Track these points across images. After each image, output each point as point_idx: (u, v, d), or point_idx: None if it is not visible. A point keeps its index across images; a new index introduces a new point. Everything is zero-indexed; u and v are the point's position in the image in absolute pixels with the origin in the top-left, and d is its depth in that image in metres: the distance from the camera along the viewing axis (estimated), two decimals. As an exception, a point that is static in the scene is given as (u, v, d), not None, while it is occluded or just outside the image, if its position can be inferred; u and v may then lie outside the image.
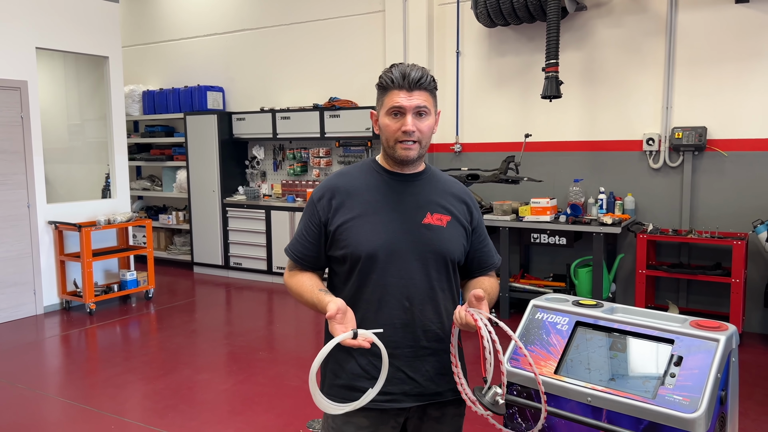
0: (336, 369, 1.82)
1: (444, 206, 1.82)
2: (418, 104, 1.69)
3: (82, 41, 6.43)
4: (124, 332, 5.62)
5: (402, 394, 1.76)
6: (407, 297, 1.75)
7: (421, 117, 1.71)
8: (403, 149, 1.72)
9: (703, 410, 1.43)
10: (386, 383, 1.70)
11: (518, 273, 6.06)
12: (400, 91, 1.69)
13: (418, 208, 1.78)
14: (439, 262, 1.78)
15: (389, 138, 1.74)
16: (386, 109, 1.72)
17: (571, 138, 5.90)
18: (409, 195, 1.79)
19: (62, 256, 6.22)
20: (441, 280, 1.79)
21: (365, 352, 1.73)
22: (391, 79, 1.70)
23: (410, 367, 1.76)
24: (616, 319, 1.70)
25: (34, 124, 6.00)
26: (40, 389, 4.26)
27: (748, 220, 5.09)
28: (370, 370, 1.75)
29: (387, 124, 1.72)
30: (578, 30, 5.77)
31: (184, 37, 8.31)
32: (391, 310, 1.74)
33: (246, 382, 4.29)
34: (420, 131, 1.72)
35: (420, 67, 1.72)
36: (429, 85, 1.72)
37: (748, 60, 5.10)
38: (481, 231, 1.92)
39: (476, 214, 1.90)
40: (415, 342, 1.76)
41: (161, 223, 8.36)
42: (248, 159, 7.87)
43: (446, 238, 1.79)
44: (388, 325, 1.72)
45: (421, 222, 1.77)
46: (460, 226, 1.84)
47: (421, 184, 1.82)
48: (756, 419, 3.65)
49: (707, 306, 5.32)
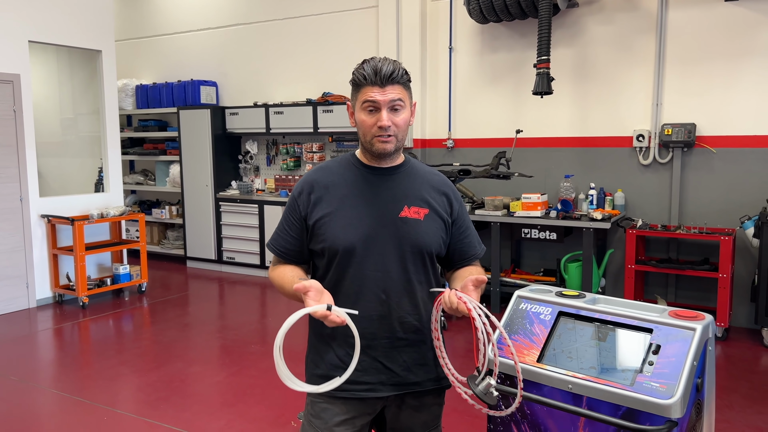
0: (315, 359, 1.86)
1: (422, 199, 1.83)
2: (392, 98, 1.71)
3: (75, 35, 6.42)
4: (116, 325, 5.64)
5: (379, 384, 1.80)
6: (384, 290, 1.78)
7: (396, 111, 1.73)
8: (381, 143, 1.74)
9: (679, 396, 1.47)
10: (364, 373, 1.75)
11: (509, 268, 6.11)
12: (373, 87, 1.71)
13: (395, 201, 1.80)
14: (416, 255, 1.80)
15: (366, 133, 1.76)
16: (360, 104, 1.74)
17: (562, 134, 5.95)
18: (386, 189, 1.81)
19: (55, 249, 6.22)
20: (418, 272, 1.82)
21: (343, 343, 1.79)
22: (363, 75, 1.72)
23: (387, 357, 1.80)
24: (597, 310, 1.74)
25: (26, 118, 6.00)
26: (33, 381, 4.28)
27: (736, 216, 5.15)
28: (347, 361, 1.75)
29: (363, 119, 1.75)
30: (570, 27, 5.81)
31: (177, 31, 8.31)
32: (368, 302, 1.77)
33: (238, 375, 4.33)
34: (396, 125, 1.74)
35: (392, 60, 1.73)
36: (401, 78, 1.74)
37: (737, 58, 5.15)
38: (462, 222, 1.92)
39: (456, 206, 1.91)
40: (392, 333, 1.79)
41: (154, 218, 8.37)
42: (241, 154, 7.89)
43: (423, 231, 1.81)
44: (364, 317, 1.74)
45: (397, 215, 1.79)
46: (439, 218, 1.85)
47: (399, 178, 1.84)
48: (740, 411, 3.72)
49: (695, 301, 5.38)
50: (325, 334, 1.83)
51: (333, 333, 1.81)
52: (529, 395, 1.67)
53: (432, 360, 1.83)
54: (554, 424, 1.68)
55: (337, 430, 1.80)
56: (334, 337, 1.82)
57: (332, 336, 1.82)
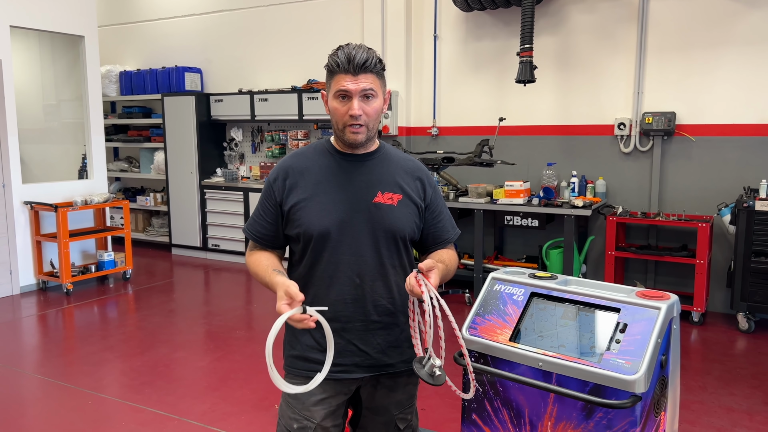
0: (291, 340, 1.93)
1: (396, 184, 1.87)
2: (364, 87, 1.73)
3: (57, 20, 6.36)
4: (101, 312, 5.65)
5: (353, 365, 1.85)
6: (358, 274, 1.82)
7: (368, 99, 1.75)
8: (352, 133, 1.77)
9: (643, 372, 1.53)
10: (338, 355, 1.79)
11: (492, 254, 6.18)
12: (346, 75, 1.72)
13: (368, 187, 1.83)
14: (389, 239, 1.84)
15: (338, 122, 1.78)
16: (333, 92, 1.76)
17: (545, 122, 6.01)
18: (359, 175, 1.84)
19: (38, 236, 6.20)
20: (392, 257, 1.86)
21: (320, 326, 1.81)
22: (337, 62, 1.73)
23: (361, 340, 1.85)
24: (568, 290, 1.80)
25: (8, 104, 5.95)
26: (18, 367, 4.29)
27: (714, 203, 5.25)
28: (323, 342, 1.82)
29: (335, 107, 1.77)
30: (553, 15, 5.85)
31: (161, 17, 8.25)
32: (342, 286, 1.82)
33: (223, 360, 4.37)
34: (366, 114, 1.76)
35: (366, 48, 1.75)
36: (375, 67, 1.75)
37: (715, 47, 5.23)
38: (436, 207, 1.95)
39: (430, 191, 1.94)
40: (366, 316, 1.84)
41: (139, 205, 8.35)
42: (226, 141, 7.87)
43: (396, 216, 1.84)
44: (339, 300, 1.81)
45: (371, 201, 1.82)
46: (412, 203, 1.88)
47: (373, 164, 1.87)
48: (713, 392, 3.82)
49: (673, 286, 5.49)
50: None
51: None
52: (500, 372, 1.74)
53: (405, 342, 1.89)
54: (525, 400, 1.74)
55: (314, 409, 1.85)
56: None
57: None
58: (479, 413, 1.84)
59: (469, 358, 1.67)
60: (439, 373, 1.63)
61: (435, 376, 1.62)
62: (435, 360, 1.63)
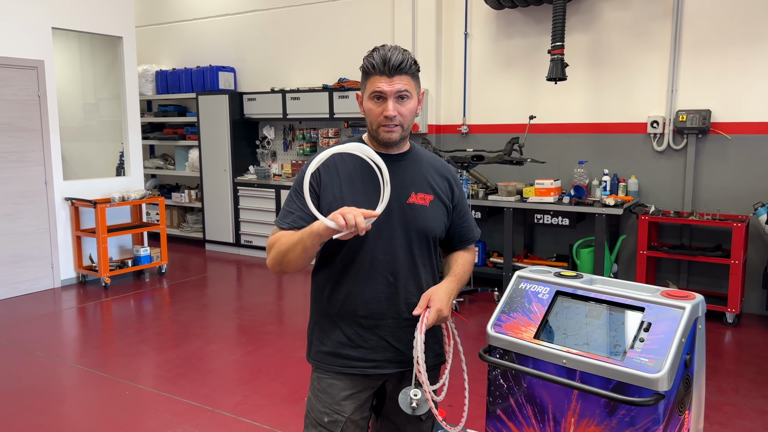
0: (322, 337, 1.93)
1: (428, 184, 1.90)
2: (399, 89, 1.76)
3: (96, 21, 6.56)
4: (137, 305, 5.81)
5: (385, 361, 1.88)
6: (392, 272, 1.85)
7: (403, 101, 1.78)
8: (386, 132, 1.80)
9: (666, 370, 1.54)
10: (371, 351, 1.86)
11: (522, 253, 6.17)
12: (381, 77, 1.75)
13: (403, 187, 1.86)
14: (421, 239, 1.88)
15: (372, 122, 1.81)
16: (368, 93, 1.79)
17: (576, 120, 5.96)
18: (393, 175, 1.80)
19: (78, 231, 6.41)
20: (423, 256, 1.90)
21: (351, 322, 1.87)
22: (372, 64, 1.76)
23: (393, 336, 1.88)
24: (593, 289, 1.81)
25: (50, 103, 6.16)
26: (59, 357, 4.46)
27: (749, 202, 5.15)
28: (355, 339, 1.87)
29: (370, 108, 1.80)
30: (585, 13, 5.80)
31: (196, 17, 8.42)
32: (377, 284, 1.84)
33: (254, 354, 4.46)
34: (401, 115, 1.79)
35: (401, 50, 1.76)
36: (410, 69, 1.77)
37: (752, 43, 5.12)
38: (462, 207, 2.00)
39: (457, 191, 1.98)
40: (398, 314, 1.87)
41: (174, 201, 8.55)
42: (259, 139, 8.00)
43: (429, 216, 1.88)
44: (373, 298, 1.84)
45: (406, 201, 1.86)
46: (442, 204, 1.92)
47: (406, 164, 1.90)
48: (746, 395, 3.77)
49: (707, 287, 5.40)
50: (332, 313, 1.90)
51: (340, 311, 1.88)
52: (524, 369, 1.76)
53: (431, 337, 1.91)
54: (549, 396, 1.76)
55: (344, 404, 1.89)
56: (341, 315, 1.88)
57: (339, 314, 1.88)
58: (504, 409, 1.87)
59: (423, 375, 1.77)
60: (416, 405, 1.74)
61: (417, 408, 1.76)
62: (412, 391, 1.75)
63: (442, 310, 1.78)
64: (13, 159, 5.93)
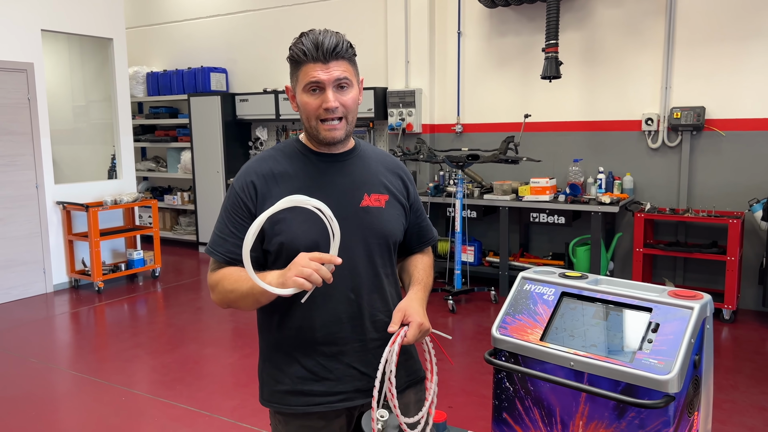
0: (275, 374, 1.67)
1: (381, 184, 1.69)
2: (338, 76, 1.53)
3: (86, 23, 6.49)
4: (131, 309, 5.76)
5: (355, 392, 1.65)
6: (352, 288, 1.62)
7: (343, 89, 1.56)
8: (328, 130, 1.57)
9: (676, 372, 1.52)
10: (338, 383, 1.63)
11: (518, 252, 6.16)
12: (315, 64, 1.52)
13: (354, 189, 1.64)
14: (382, 246, 1.67)
15: (310, 117, 1.57)
16: (303, 85, 1.55)
17: (571, 118, 5.96)
18: (341, 176, 1.64)
19: (70, 235, 6.34)
20: (385, 265, 1.69)
21: (312, 351, 1.63)
22: (303, 51, 1.52)
23: (361, 362, 1.65)
24: (599, 290, 1.79)
25: (41, 106, 6.09)
26: (52, 363, 4.40)
27: (745, 198, 5.16)
28: (318, 371, 1.63)
29: (306, 101, 1.55)
30: (578, 10, 5.79)
31: (186, 18, 8.36)
32: (336, 304, 1.61)
33: (251, 357, 4.42)
34: (344, 105, 1.56)
35: (334, 32, 1.55)
36: (347, 53, 1.55)
37: (746, 40, 5.13)
38: (418, 205, 1.81)
39: (411, 189, 1.79)
40: (365, 335, 1.65)
41: (166, 204, 8.48)
42: (251, 140, 7.95)
43: (386, 219, 1.67)
44: (333, 321, 1.61)
45: (359, 205, 1.64)
46: (399, 204, 1.72)
47: (354, 163, 1.67)
48: (744, 391, 3.77)
49: (703, 283, 5.41)
50: (285, 344, 1.65)
51: (295, 341, 1.63)
52: (531, 372, 1.74)
53: (404, 354, 1.73)
54: (557, 399, 1.74)
55: None
56: (297, 345, 1.63)
57: (294, 345, 1.63)
58: (510, 412, 1.84)
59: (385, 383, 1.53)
60: (382, 429, 1.51)
61: (368, 426, 1.53)
62: (379, 414, 1.52)
63: (423, 324, 1.57)
64: (4, 163, 5.86)
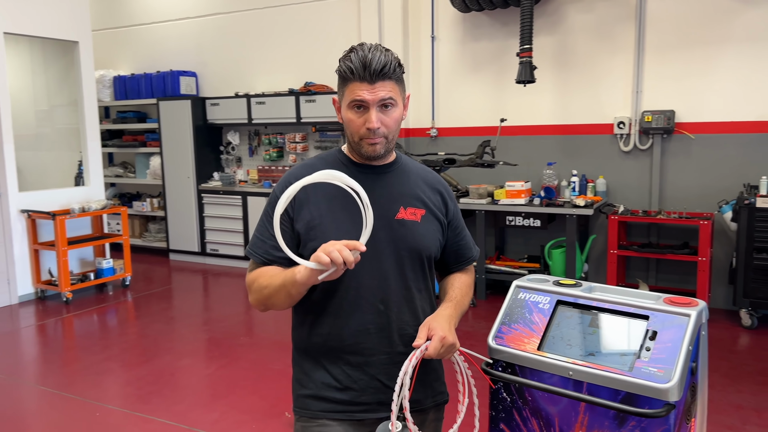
0: (302, 379, 1.71)
1: (418, 198, 1.72)
2: (383, 97, 1.55)
3: (51, 26, 6.30)
4: (102, 320, 5.59)
5: (377, 404, 1.66)
6: (381, 299, 1.64)
7: (387, 109, 1.58)
8: (369, 145, 1.60)
9: (676, 380, 1.52)
10: (361, 393, 1.64)
11: (494, 255, 6.18)
12: (361, 83, 1.54)
13: (390, 202, 1.67)
14: (414, 260, 1.68)
15: (353, 133, 1.61)
16: (348, 101, 1.58)
17: (545, 122, 6.01)
18: (380, 188, 1.66)
19: (36, 245, 6.14)
20: (417, 279, 1.70)
21: (338, 359, 1.65)
22: (350, 69, 1.54)
23: (386, 375, 1.65)
24: (594, 298, 1.79)
25: (3, 111, 5.88)
26: (19, 378, 4.24)
27: (714, 200, 5.27)
28: (343, 379, 1.65)
29: (350, 118, 1.59)
30: (551, 15, 5.85)
31: (155, 21, 8.19)
32: (365, 314, 1.63)
33: (228, 367, 4.34)
34: (386, 126, 1.59)
35: (383, 50, 1.55)
36: (394, 74, 1.57)
37: (714, 45, 5.25)
38: (458, 223, 1.83)
39: (451, 205, 1.81)
40: (392, 348, 1.65)
41: (135, 210, 8.29)
42: (223, 145, 7.83)
43: (421, 233, 1.69)
44: (361, 330, 1.63)
45: (394, 218, 1.66)
46: (435, 219, 1.74)
47: (393, 176, 1.71)
48: (721, 390, 3.83)
49: (675, 284, 5.51)
50: (314, 351, 1.69)
51: (323, 348, 1.67)
52: (530, 382, 1.72)
53: (432, 373, 1.76)
54: (556, 409, 1.72)
55: None
56: (325, 353, 1.67)
57: (322, 352, 1.67)
58: (507, 423, 1.83)
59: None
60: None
61: None
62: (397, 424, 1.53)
63: (446, 338, 1.56)
64: (-36, 170, 5.64)
